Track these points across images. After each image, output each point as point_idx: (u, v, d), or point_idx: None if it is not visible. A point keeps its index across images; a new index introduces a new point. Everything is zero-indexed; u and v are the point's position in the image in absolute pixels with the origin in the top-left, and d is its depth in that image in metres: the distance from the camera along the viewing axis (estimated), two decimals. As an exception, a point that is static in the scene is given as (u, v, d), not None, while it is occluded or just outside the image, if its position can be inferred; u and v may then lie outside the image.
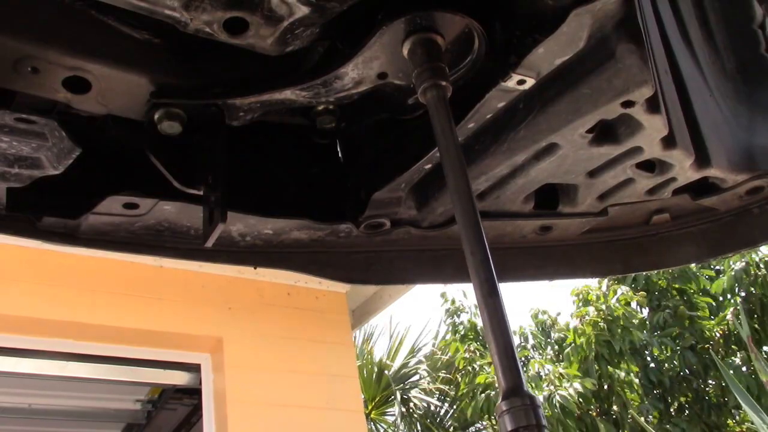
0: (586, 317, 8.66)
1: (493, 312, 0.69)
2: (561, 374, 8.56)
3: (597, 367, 8.37)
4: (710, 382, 8.76)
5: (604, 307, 8.58)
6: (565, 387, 8.20)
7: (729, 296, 8.43)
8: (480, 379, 8.70)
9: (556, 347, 9.55)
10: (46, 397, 4.76)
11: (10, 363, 3.92)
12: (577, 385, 8.13)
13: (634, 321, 8.67)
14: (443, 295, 10.89)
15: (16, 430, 5.20)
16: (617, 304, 8.68)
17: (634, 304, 9.33)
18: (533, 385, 8.54)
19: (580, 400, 8.15)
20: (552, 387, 8.31)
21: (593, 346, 8.38)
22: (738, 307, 8.03)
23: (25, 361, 3.96)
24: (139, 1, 0.76)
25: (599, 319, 8.51)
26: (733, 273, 8.27)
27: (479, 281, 0.71)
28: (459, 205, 0.76)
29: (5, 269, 3.75)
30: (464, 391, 9.60)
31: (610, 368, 8.37)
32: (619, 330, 8.42)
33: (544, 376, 8.69)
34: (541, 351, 10.65)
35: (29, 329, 3.83)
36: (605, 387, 8.59)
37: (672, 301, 8.98)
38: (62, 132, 0.92)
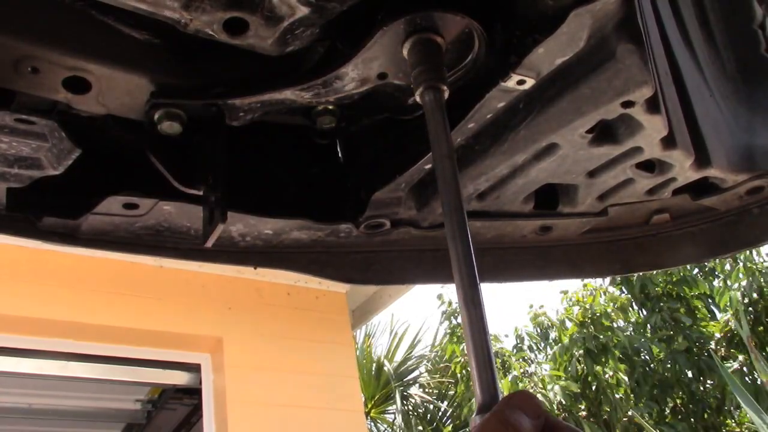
0: (570, 317, 8.70)
1: (474, 324, 0.69)
2: (544, 376, 8.60)
3: (581, 366, 8.39)
4: (708, 382, 8.77)
5: (588, 306, 8.61)
6: (547, 390, 8.23)
7: (735, 305, 8.45)
8: None
9: (555, 347, 9.57)
10: (46, 397, 4.76)
11: (10, 363, 3.92)
12: (557, 387, 8.16)
13: (619, 320, 8.69)
14: (440, 297, 10.88)
15: (16, 430, 5.20)
16: (602, 302, 8.71)
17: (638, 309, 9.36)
18: (516, 385, 8.55)
19: (563, 401, 8.16)
20: (535, 388, 8.34)
21: (578, 345, 8.41)
22: (738, 308, 8.04)
23: (25, 361, 3.96)
24: (139, 2, 0.76)
25: (585, 318, 8.54)
26: (741, 288, 8.28)
27: (464, 291, 0.71)
28: (448, 216, 0.76)
29: (5, 269, 3.75)
30: (462, 391, 9.61)
31: (597, 368, 8.40)
32: (602, 329, 8.44)
33: (526, 378, 8.71)
34: (538, 352, 10.66)
35: (29, 329, 3.83)
36: (593, 388, 8.61)
37: (668, 303, 8.99)
38: (62, 132, 0.92)
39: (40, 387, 4.51)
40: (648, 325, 9.40)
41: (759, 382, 7.72)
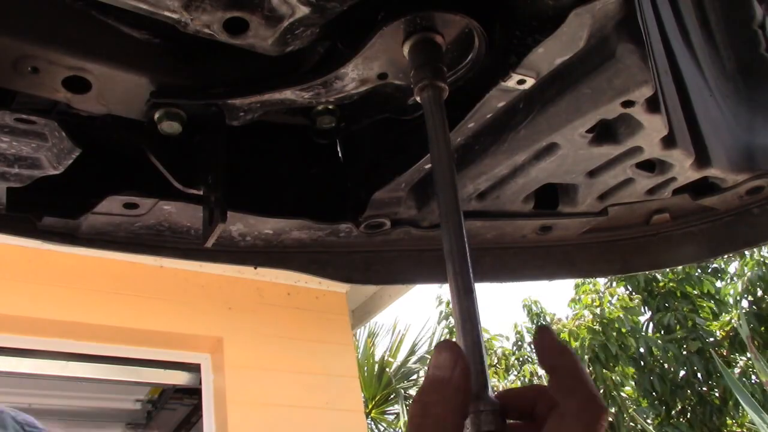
0: (581, 320, 8.68)
1: (466, 317, 0.69)
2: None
3: (589, 370, 8.39)
4: (711, 383, 8.75)
5: (598, 311, 8.59)
6: None
7: (737, 299, 8.43)
8: None
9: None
10: (47, 397, 4.76)
11: (10, 363, 3.92)
12: None
13: (629, 324, 8.65)
14: (438, 297, 10.89)
15: (16, 430, 5.18)
16: (612, 308, 8.68)
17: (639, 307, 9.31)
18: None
19: None
20: None
21: (587, 350, 8.39)
22: (741, 310, 8.03)
23: (25, 361, 3.97)
24: (139, 2, 0.76)
25: (594, 323, 8.52)
26: (747, 278, 8.25)
27: (456, 286, 0.71)
28: (444, 215, 0.76)
29: (5, 269, 3.75)
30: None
31: (605, 371, 8.38)
32: (615, 333, 8.42)
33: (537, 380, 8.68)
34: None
35: (29, 329, 3.83)
36: (601, 390, 8.60)
37: (678, 303, 8.96)
38: (62, 132, 0.92)
39: (40, 387, 4.52)
40: (650, 324, 9.37)
41: (755, 381, 7.71)
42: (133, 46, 0.89)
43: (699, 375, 8.76)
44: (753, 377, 8.10)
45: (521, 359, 10.45)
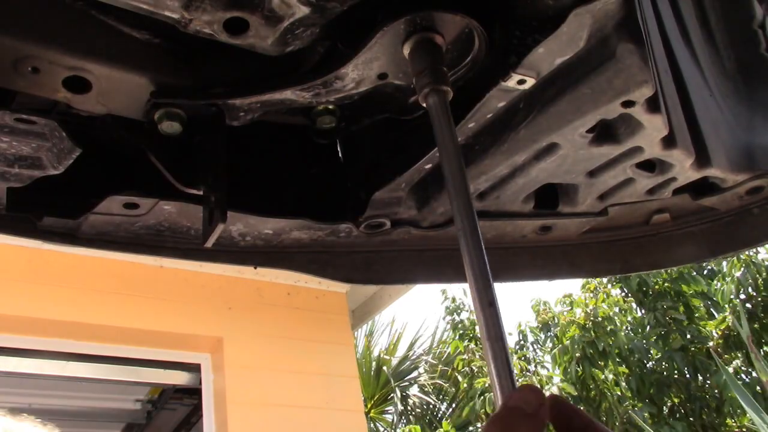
0: (573, 319, 8.69)
1: (491, 323, 0.69)
2: (542, 377, 8.60)
3: (580, 370, 8.39)
4: (706, 382, 8.74)
5: (590, 309, 8.60)
6: (546, 390, 8.24)
7: (731, 297, 8.43)
8: (479, 383, 8.73)
9: (556, 340, 9.54)
10: (47, 397, 4.75)
11: (10, 363, 3.91)
12: (554, 388, 8.17)
13: (618, 323, 8.65)
14: (444, 291, 10.94)
15: (16, 430, 5.17)
16: (604, 306, 8.69)
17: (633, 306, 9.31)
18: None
19: None
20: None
21: (577, 347, 8.40)
22: (737, 308, 8.03)
23: (25, 360, 3.96)
24: (139, 2, 0.76)
25: (586, 321, 8.53)
26: (736, 278, 8.26)
27: (478, 292, 0.71)
28: (459, 219, 0.76)
29: (5, 269, 3.75)
30: (464, 389, 9.60)
31: (595, 371, 8.38)
32: (607, 330, 8.43)
33: (526, 379, 8.70)
34: (541, 347, 10.64)
35: (29, 329, 3.83)
36: (591, 389, 8.60)
37: (664, 302, 8.97)
38: (62, 132, 0.92)
39: (40, 387, 4.51)
40: (648, 325, 9.38)
41: (750, 379, 7.70)
42: (133, 46, 0.89)
43: (687, 373, 8.77)
44: (753, 374, 8.10)
45: (523, 358, 10.46)
